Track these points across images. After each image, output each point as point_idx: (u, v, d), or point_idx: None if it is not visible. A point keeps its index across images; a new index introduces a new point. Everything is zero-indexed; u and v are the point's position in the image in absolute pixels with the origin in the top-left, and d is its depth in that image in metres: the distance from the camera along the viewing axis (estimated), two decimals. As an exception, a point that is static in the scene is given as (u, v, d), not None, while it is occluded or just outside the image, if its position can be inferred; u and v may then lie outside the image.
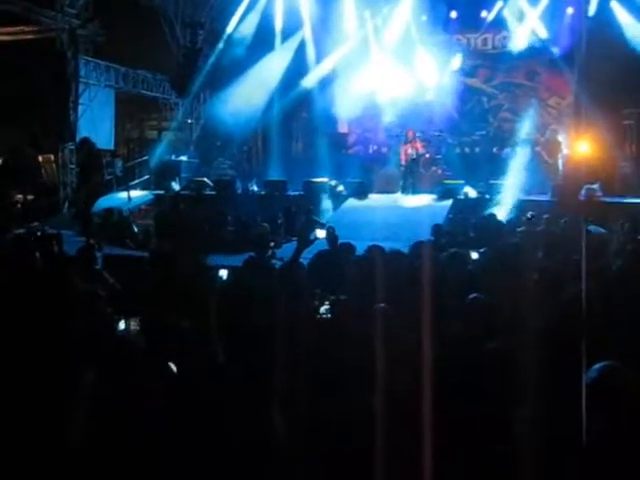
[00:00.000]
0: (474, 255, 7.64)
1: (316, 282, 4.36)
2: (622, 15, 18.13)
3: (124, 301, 4.91)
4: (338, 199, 16.97)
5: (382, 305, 3.85)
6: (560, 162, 17.53)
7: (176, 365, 3.43)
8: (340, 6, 20.45)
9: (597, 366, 2.90)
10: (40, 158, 17.74)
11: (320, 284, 4.17)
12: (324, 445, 2.39)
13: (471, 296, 4.46)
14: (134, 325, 3.05)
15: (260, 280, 4.69)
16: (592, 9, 18.41)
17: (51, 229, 10.89)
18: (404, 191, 17.53)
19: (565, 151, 17.78)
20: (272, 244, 11.81)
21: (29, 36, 16.67)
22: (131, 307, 4.15)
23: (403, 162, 18.35)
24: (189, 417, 2.75)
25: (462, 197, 16.29)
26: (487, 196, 15.72)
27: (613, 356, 3.00)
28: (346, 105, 19.85)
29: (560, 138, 18.23)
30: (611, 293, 4.75)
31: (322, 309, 2.74)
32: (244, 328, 3.80)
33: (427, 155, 18.93)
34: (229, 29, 20.47)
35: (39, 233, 10.73)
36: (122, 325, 3.05)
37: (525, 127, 18.30)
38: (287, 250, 10.93)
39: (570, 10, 19.03)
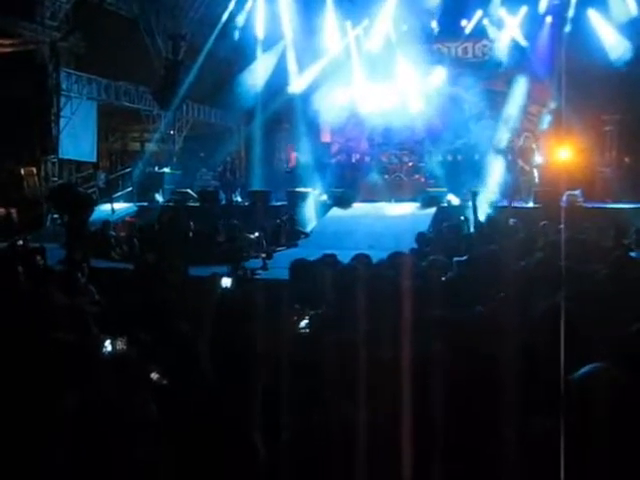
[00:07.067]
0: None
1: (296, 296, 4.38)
2: (598, 22, 18.40)
3: (110, 317, 4.90)
4: (322, 208, 16.99)
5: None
6: (535, 169, 17.62)
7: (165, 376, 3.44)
8: (321, 17, 20.58)
9: (588, 367, 2.92)
10: (22, 171, 17.63)
11: (300, 298, 4.19)
12: (305, 459, 2.41)
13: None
14: (120, 345, 3.05)
15: (241, 292, 4.72)
16: (570, 16, 18.70)
17: (35, 243, 10.83)
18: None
19: (539, 158, 17.87)
20: (264, 255, 11.82)
21: (9, 49, 16.59)
22: (117, 324, 4.14)
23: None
24: (175, 431, 2.76)
25: (445, 204, 16.32)
26: (470, 203, 15.76)
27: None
28: (328, 115, 19.94)
29: (534, 145, 18.34)
30: (598, 299, 4.77)
31: (302, 324, 2.76)
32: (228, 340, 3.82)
33: (410, 163, 19.01)
34: (211, 40, 20.51)
35: (22, 246, 10.68)
36: (109, 346, 3.04)
37: (504, 134, 18.42)
38: (278, 260, 10.97)
39: (549, 18, 19.27)
